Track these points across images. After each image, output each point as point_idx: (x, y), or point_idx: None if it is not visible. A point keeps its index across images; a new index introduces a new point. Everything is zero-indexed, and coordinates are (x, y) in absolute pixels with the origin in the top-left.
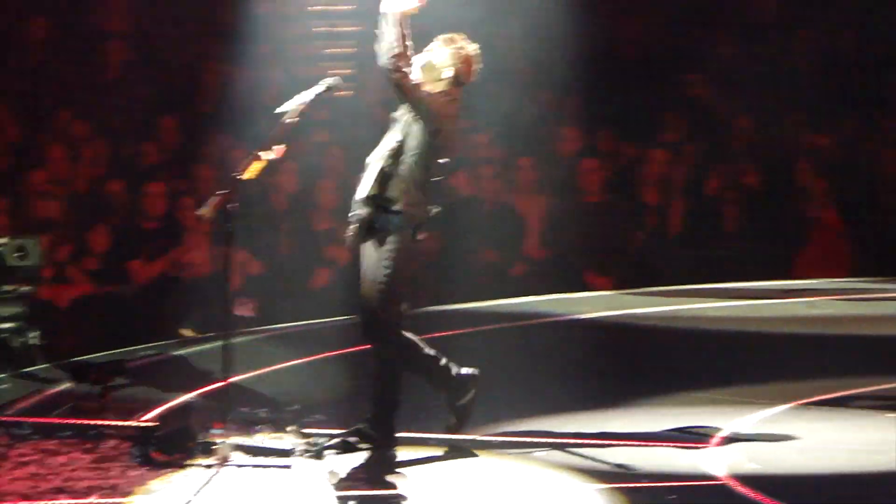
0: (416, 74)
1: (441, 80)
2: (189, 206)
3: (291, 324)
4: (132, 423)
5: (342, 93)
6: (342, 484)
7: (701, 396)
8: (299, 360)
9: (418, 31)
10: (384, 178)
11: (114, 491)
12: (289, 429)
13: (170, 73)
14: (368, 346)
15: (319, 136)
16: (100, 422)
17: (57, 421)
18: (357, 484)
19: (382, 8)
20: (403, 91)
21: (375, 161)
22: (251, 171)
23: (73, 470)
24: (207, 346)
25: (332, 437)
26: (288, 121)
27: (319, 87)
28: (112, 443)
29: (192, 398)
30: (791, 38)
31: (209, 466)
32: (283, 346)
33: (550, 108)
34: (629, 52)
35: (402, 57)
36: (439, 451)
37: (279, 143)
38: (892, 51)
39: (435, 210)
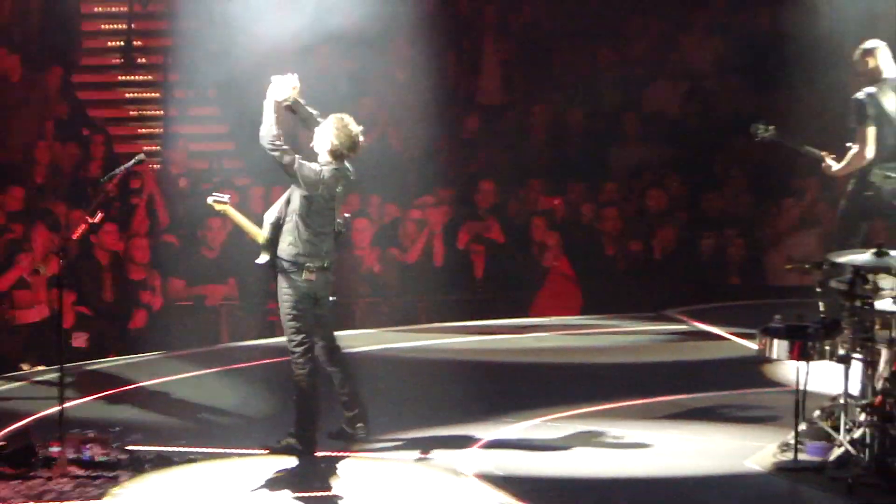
0: (314, 144)
1: (321, 151)
2: (28, 262)
3: (115, 358)
4: None
5: (151, 165)
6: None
7: (453, 415)
8: (121, 389)
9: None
10: (276, 229)
11: None
12: (114, 446)
13: (6, 152)
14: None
15: (135, 201)
16: None
17: None
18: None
19: (268, 97)
20: (281, 165)
21: (271, 214)
22: (79, 232)
23: None
24: (45, 377)
25: (153, 452)
26: (109, 188)
27: (132, 161)
28: None
29: (32, 421)
30: (526, 116)
31: (49, 478)
32: (109, 378)
33: None
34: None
35: (277, 137)
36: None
37: (101, 209)
38: (610, 126)
39: (329, 258)
